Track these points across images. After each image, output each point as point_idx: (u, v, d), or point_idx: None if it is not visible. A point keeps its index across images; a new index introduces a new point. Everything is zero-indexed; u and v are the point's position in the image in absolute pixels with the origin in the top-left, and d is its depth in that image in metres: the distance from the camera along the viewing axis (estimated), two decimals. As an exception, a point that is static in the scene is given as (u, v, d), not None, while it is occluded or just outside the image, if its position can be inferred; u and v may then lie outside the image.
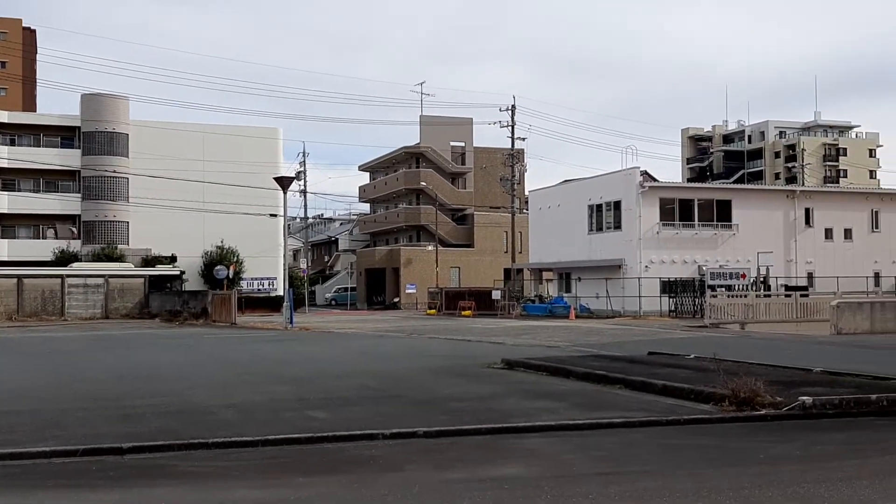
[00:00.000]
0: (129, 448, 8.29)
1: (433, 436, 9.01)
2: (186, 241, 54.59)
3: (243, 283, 54.35)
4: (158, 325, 38.21)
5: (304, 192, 63.74)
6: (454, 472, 7.45)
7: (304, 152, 68.80)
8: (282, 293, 41.83)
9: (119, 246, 54.39)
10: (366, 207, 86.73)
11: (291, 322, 33.87)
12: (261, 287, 56.63)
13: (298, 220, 73.06)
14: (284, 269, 38.04)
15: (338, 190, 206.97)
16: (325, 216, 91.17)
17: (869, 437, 9.07)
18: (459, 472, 7.45)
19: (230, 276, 48.90)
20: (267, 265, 56.38)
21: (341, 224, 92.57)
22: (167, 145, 54.92)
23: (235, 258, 54.53)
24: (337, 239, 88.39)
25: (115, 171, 55.52)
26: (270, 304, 49.85)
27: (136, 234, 55.83)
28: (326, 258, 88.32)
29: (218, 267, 49.63)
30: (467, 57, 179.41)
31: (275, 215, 50.14)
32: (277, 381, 14.29)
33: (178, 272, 49.05)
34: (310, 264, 70.79)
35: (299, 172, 61.64)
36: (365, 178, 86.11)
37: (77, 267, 48.15)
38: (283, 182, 35.90)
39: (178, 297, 45.95)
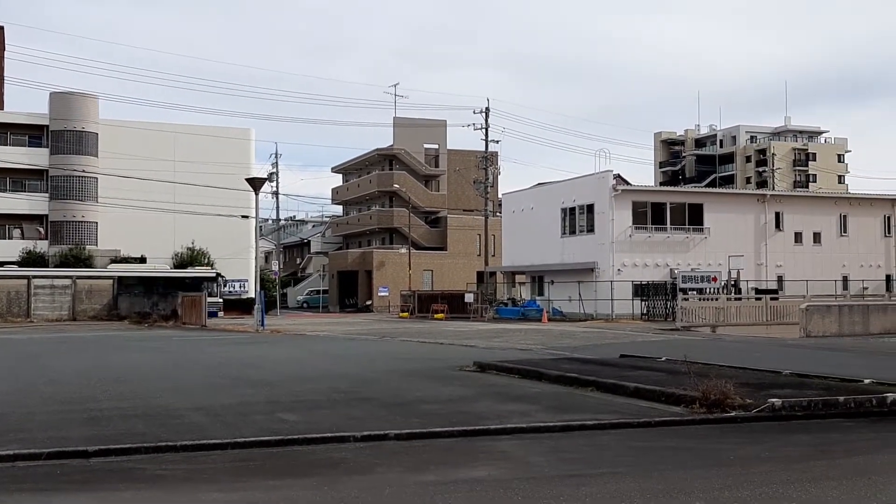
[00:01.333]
0: (94, 451, 8.16)
1: (404, 438, 8.96)
2: (156, 242, 54.11)
3: (214, 285, 53.97)
4: (127, 327, 37.79)
5: (276, 194, 63.43)
6: (426, 474, 7.40)
7: (276, 153, 68.29)
8: (253, 295, 41.61)
9: (87, 247, 53.77)
10: (338, 209, 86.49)
11: (262, 324, 33.65)
12: (232, 289, 56.21)
13: (270, 221, 72.68)
14: (256, 271, 37.81)
15: (310, 192, 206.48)
16: (297, 218, 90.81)
17: (836, 439, 9.15)
18: (431, 474, 7.41)
19: (201, 278, 48.39)
20: (238, 267, 56.05)
21: (314, 226, 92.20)
22: (137, 145, 54.42)
23: (206, 260, 54.09)
24: (309, 241, 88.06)
25: (83, 171, 54.90)
26: (242, 306, 49.51)
27: (105, 234, 55.24)
28: (298, 260, 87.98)
29: (189, 269, 49.21)
30: (442, 60, 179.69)
31: (246, 217, 49.85)
32: (247, 383, 14.17)
33: (213, 273, 47.83)
34: (282, 266, 70.44)
35: (271, 173, 61.35)
36: (338, 179, 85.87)
37: (123, 268, 48.80)
38: (255, 183, 35.65)
39: (147, 298, 45.52)
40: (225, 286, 52.47)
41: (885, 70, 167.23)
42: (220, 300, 46.98)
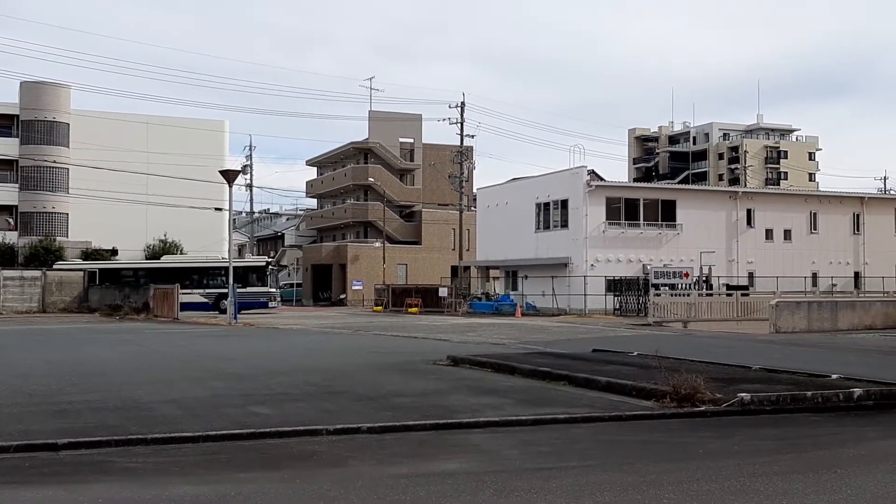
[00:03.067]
0: (64, 444, 8.11)
1: (377, 431, 8.98)
2: (128, 234, 53.69)
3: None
4: (98, 320, 37.45)
5: (250, 187, 63.08)
6: (398, 467, 7.42)
7: (250, 146, 67.78)
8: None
9: (58, 238, 53.18)
10: (313, 203, 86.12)
11: (235, 318, 33.48)
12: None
13: (244, 214, 72.18)
14: (230, 265, 37.52)
15: (285, 185, 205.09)
16: (271, 211, 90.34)
17: (804, 433, 9.27)
18: (403, 467, 7.43)
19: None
20: (212, 260, 55.55)
21: (288, 219, 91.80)
22: (110, 136, 53.89)
23: (179, 252, 53.69)
24: (283, 234, 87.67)
25: (54, 162, 54.25)
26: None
27: (77, 226, 54.65)
28: (272, 253, 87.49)
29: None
30: (417, 54, 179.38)
31: (220, 209, 49.58)
32: (219, 376, 14.11)
33: (262, 262, 46.22)
34: (255, 259, 70.00)
35: (245, 166, 61.01)
36: (312, 172, 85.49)
37: (176, 259, 48.61)
38: (229, 175, 35.42)
39: (118, 290, 45.08)
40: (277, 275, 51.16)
41: (855, 69, 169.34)
42: (274, 290, 45.35)
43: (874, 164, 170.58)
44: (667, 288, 37.71)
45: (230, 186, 35.64)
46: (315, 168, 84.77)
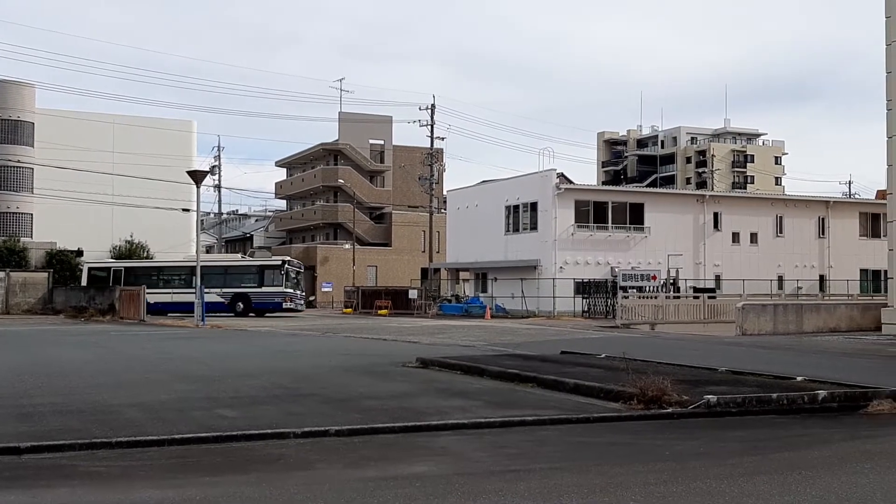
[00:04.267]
0: (26, 448, 7.97)
1: (345, 434, 8.94)
2: (94, 235, 53.00)
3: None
4: (63, 322, 36.96)
5: (218, 187, 62.61)
6: (366, 470, 7.39)
7: (218, 146, 67.22)
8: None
9: (22, 239, 52.39)
10: (282, 204, 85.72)
11: (203, 319, 33.18)
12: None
13: (212, 215, 71.73)
14: (197, 266, 37.19)
15: (253, 185, 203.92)
16: (240, 212, 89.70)
17: (769, 434, 9.36)
18: (371, 470, 7.40)
19: (139, 272, 47.43)
20: (179, 261, 55.00)
21: (257, 220, 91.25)
22: (75, 135, 53.17)
23: (145, 253, 53.13)
24: (252, 235, 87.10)
25: (18, 161, 53.45)
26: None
27: (41, 226, 53.86)
28: (241, 254, 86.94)
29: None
30: (387, 56, 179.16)
31: (187, 210, 49.08)
32: (186, 379, 13.97)
33: (278, 262, 43.49)
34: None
35: (214, 166, 60.56)
36: (282, 173, 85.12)
37: (203, 258, 46.91)
38: (197, 176, 35.13)
39: (83, 292, 44.52)
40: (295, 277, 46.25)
41: (820, 74, 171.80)
42: (291, 290, 42.79)
43: (839, 169, 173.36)
44: (635, 290, 37.99)
45: (198, 187, 35.34)
46: (284, 169, 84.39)
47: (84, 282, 43.59)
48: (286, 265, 42.49)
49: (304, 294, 44.17)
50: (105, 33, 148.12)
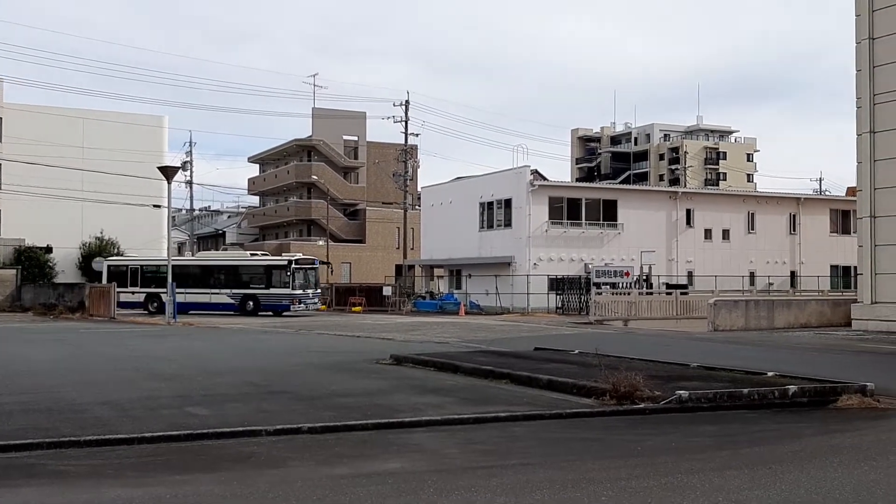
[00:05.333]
0: (-7, 447, 7.86)
1: (318, 432, 8.90)
2: (64, 232, 52.32)
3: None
4: (31, 319, 36.50)
5: (190, 183, 62.15)
6: (338, 467, 7.35)
7: (190, 142, 66.76)
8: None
9: (-10, 235, 51.67)
10: (255, 200, 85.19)
11: (174, 317, 32.92)
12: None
13: (184, 211, 71.11)
14: (168, 263, 36.88)
15: (226, 182, 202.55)
16: (212, 208, 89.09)
17: (740, 429, 9.44)
18: (343, 467, 7.37)
19: (111, 269, 46.93)
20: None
21: (229, 217, 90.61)
22: (44, 130, 52.44)
23: (116, 250, 52.60)
24: (224, 232, 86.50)
25: (-14, 157, 52.64)
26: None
27: (9, 223, 53.10)
28: (213, 251, 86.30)
29: (97, 259, 47.66)
30: (360, 52, 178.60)
31: (159, 206, 48.61)
32: (157, 377, 13.85)
33: (284, 262, 40.88)
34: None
35: (185, 162, 60.03)
36: (255, 169, 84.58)
37: (211, 255, 46.83)
38: (168, 172, 34.83)
39: (53, 289, 44.04)
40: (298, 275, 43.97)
41: (791, 71, 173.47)
42: (299, 292, 40.09)
43: (811, 166, 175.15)
44: (608, 287, 38.16)
45: (169, 183, 35.04)
46: (257, 165, 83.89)
47: (105, 280, 42.51)
48: (293, 265, 40.20)
49: (318, 293, 41.58)
50: (74, 28, 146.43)
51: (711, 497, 6.16)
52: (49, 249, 51.13)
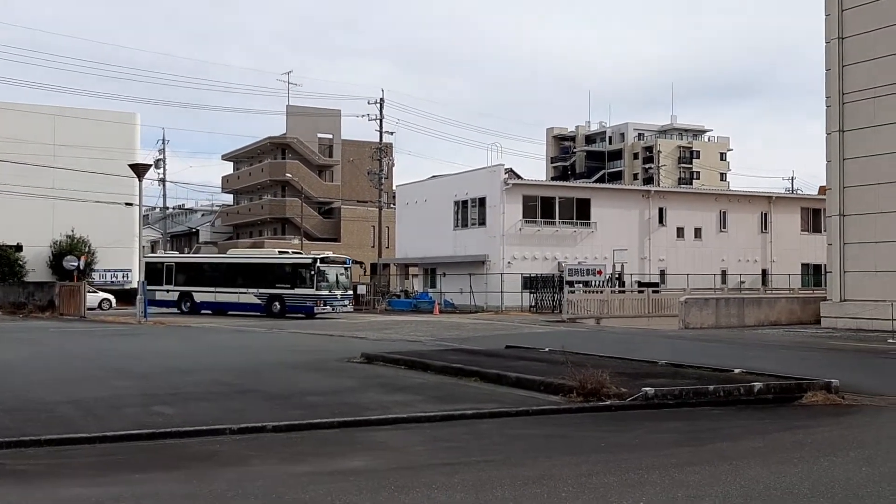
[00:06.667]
0: (-50, 447, 7.76)
1: (283, 430, 8.86)
2: (34, 230, 51.64)
3: (95, 275, 51.89)
4: (0, 318, 36.05)
5: (163, 181, 61.63)
6: (301, 465, 7.33)
7: (163, 139, 65.98)
8: (136, 286, 40.06)
9: (-43, 234, 50.89)
10: (229, 198, 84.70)
11: (146, 315, 32.63)
12: (114, 279, 54.24)
13: (158, 209, 70.49)
14: (140, 261, 36.60)
15: (200, 180, 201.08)
16: (185, 206, 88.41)
17: (704, 426, 9.50)
18: (306, 465, 7.34)
19: (81, 267, 46.52)
20: (122, 256, 54.00)
21: (203, 215, 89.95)
22: (14, 128, 51.78)
23: (87, 248, 52.05)
24: (198, 230, 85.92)
25: (-46, 154, 51.87)
26: (124, 296, 47.88)
27: (-22, 221, 52.34)
28: (187, 250, 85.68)
29: (68, 257, 47.10)
30: (335, 50, 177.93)
31: (130, 204, 48.13)
32: (124, 376, 13.73)
33: (309, 260, 38.23)
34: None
35: (158, 160, 59.56)
36: (228, 167, 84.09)
37: (238, 252, 45.13)
38: (139, 169, 34.51)
39: (23, 288, 43.50)
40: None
41: (764, 71, 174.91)
42: (325, 293, 36.97)
43: (784, 165, 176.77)
44: (581, 285, 38.32)
45: (140, 181, 34.72)
46: (231, 163, 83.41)
47: (142, 276, 41.68)
48: (318, 263, 37.25)
49: (347, 294, 38.49)
50: (46, 25, 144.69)
51: (671, 493, 6.19)
52: (19, 248, 50.49)
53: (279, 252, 42.97)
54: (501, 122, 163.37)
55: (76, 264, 44.51)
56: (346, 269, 39.04)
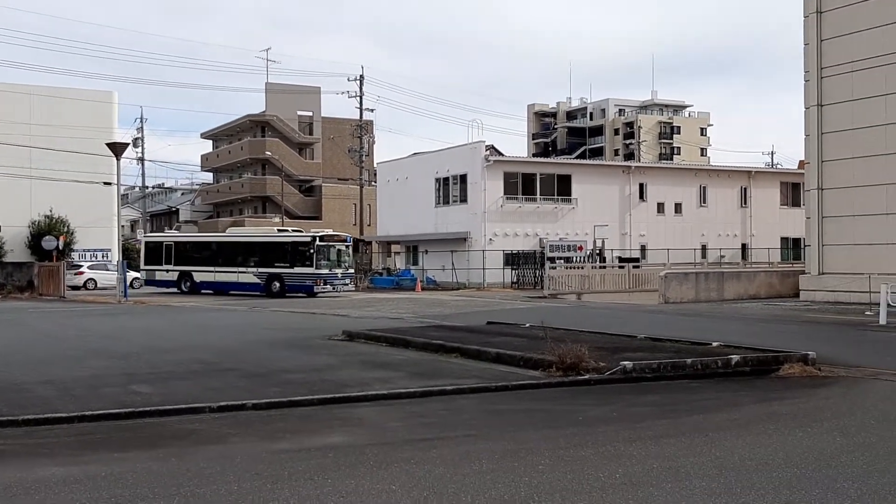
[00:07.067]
0: (-74, 428, 7.71)
1: (262, 408, 8.87)
2: (11, 210, 51.13)
3: (75, 255, 51.50)
4: (-21, 300, 35.78)
5: (141, 160, 61.15)
6: (280, 442, 7.34)
7: (141, 118, 65.22)
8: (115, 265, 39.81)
9: (-66, 215, 50.33)
10: (209, 177, 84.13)
11: (126, 295, 32.47)
12: (94, 259, 53.88)
13: (137, 189, 69.96)
14: (118, 240, 36.35)
15: (179, 158, 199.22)
16: (165, 185, 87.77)
17: (681, 399, 9.59)
18: (286, 442, 7.35)
19: (60, 248, 46.16)
20: (101, 236, 53.58)
21: (182, 194, 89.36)
22: (-11, 107, 51.09)
23: (66, 228, 51.62)
24: (178, 209, 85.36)
25: (-71, 134, 51.15)
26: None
27: (-46, 202, 51.78)
28: (167, 229, 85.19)
29: (47, 237, 46.71)
30: (314, 28, 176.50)
31: (109, 183, 47.72)
32: (103, 355, 13.68)
33: (308, 238, 37.08)
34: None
35: (136, 139, 59.04)
36: (208, 146, 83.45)
37: (238, 231, 44.65)
38: (116, 148, 34.19)
39: (1, 269, 43.09)
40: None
41: (744, 46, 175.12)
42: (325, 272, 36.01)
43: (764, 140, 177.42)
44: (562, 261, 38.41)
45: (118, 159, 34.42)
46: (210, 141, 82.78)
47: (143, 255, 41.23)
48: (317, 241, 36.46)
49: (348, 272, 37.78)
50: (18, 2, 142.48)
51: (647, 464, 6.25)
52: (-3, 228, 49.98)
53: (278, 230, 42.29)
54: (483, 98, 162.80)
55: (55, 244, 44.15)
56: (346, 246, 38.14)
